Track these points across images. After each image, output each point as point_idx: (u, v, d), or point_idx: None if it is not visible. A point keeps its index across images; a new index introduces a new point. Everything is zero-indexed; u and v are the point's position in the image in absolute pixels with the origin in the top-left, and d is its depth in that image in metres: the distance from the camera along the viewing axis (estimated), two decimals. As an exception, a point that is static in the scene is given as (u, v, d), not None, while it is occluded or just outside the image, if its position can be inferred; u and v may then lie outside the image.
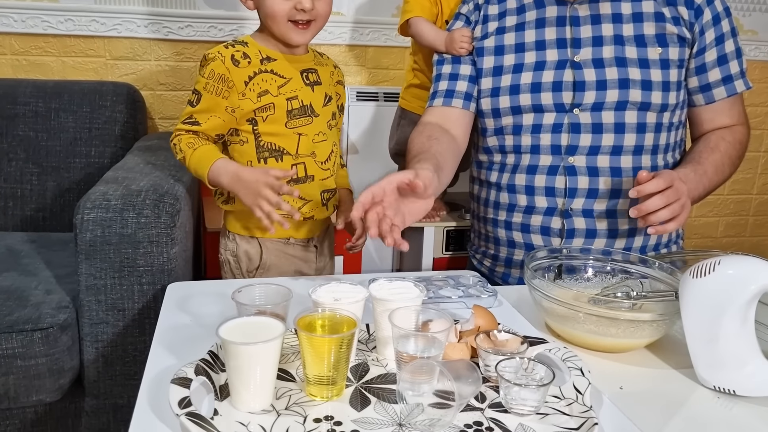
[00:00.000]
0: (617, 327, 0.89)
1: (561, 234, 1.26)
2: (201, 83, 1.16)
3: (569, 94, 1.23)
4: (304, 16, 1.14)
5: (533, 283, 0.97)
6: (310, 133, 1.22)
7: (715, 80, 1.25)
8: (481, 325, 0.87)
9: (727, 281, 0.81)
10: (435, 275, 1.14)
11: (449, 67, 1.36)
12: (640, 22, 1.22)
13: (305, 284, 1.05)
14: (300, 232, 1.28)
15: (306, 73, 1.23)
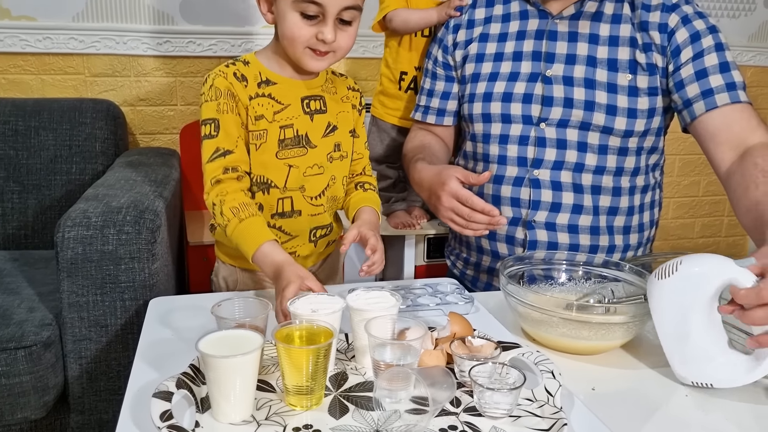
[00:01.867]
0: (589, 330, 0.92)
1: (524, 244, 1.28)
2: (212, 107, 1.05)
3: (537, 108, 1.26)
4: (323, 47, 1.04)
5: (508, 289, 0.99)
6: (302, 165, 1.13)
7: (694, 95, 1.19)
8: (457, 332, 0.90)
9: (691, 279, 0.83)
10: (414, 283, 1.16)
11: (428, 82, 1.42)
12: (615, 46, 1.23)
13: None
14: None
15: (308, 101, 1.13)
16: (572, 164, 1.24)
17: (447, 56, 1.38)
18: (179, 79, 2.08)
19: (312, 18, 1.02)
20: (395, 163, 1.65)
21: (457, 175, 1.16)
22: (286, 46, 1.06)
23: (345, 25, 1.04)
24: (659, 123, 1.26)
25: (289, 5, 1.01)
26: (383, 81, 1.64)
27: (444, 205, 1.16)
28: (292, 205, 1.15)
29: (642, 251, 1.36)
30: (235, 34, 2.08)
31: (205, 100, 1.07)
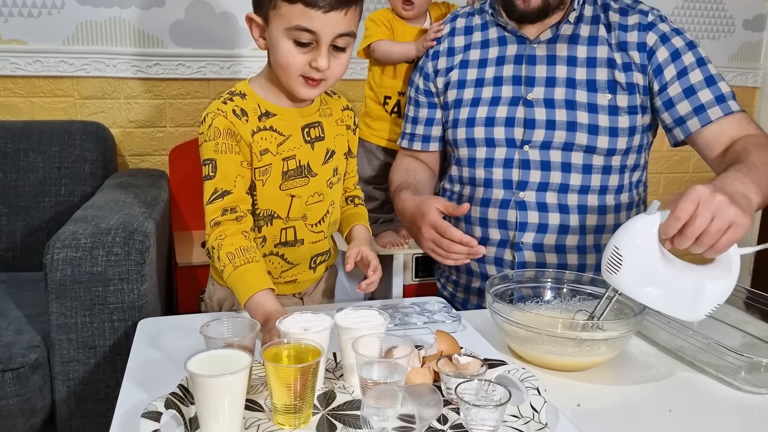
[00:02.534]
0: (574, 347, 0.93)
1: (512, 266, 1.30)
2: (209, 147, 1.03)
3: (520, 131, 1.28)
4: (317, 74, 1.02)
5: (494, 308, 1.00)
6: (305, 194, 1.12)
7: (686, 112, 1.22)
8: (444, 350, 0.90)
9: (636, 254, 0.90)
10: (402, 302, 1.17)
11: (412, 110, 1.44)
12: (593, 68, 1.26)
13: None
14: (281, 289, 1.17)
15: (307, 129, 1.11)
16: (557, 185, 1.26)
17: (428, 83, 1.40)
18: (168, 101, 2.10)
19: (305, 45, 1.00)
20: (382, 184, 1.67)
21: (437, 206, 1.18)
22: (279, 74, 1.04)
23: (338, 52, 1.02)
24: (640, 141, 1.29)
25: (282, 33, 0.99)
26: (368, 103, 1.66)
27: (424, 236, 1.19)
28: (295, 234, 1.14)
29: None
30: (224, 56, 2.10)
31: (204, 140, 1.05)
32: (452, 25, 1.41)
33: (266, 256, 1.12)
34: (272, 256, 1.14)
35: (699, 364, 0.98)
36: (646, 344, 1.07)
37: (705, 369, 0.97)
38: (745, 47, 2.61)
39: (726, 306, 1.15)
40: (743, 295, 1.15)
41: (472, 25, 1.38)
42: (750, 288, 1.16)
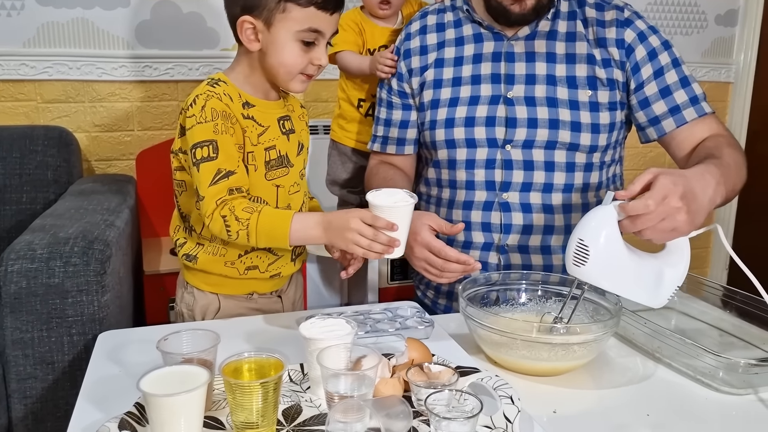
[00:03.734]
0: (549, 351, 0.91)
1: (498, 269, 1.27)
2: (207, 129, 1.01)
3: (502, 130, 1.25)
4: (316, 70, 1.08)
5: (467, 312, 0.97)
6: (287, 184, 1.13)
7: (661, 112, 1.23)
8: (415, 358, 0.87)
9: (600, 242, 0.91)
10: (374, 308, 1.13)
11: (384, 112, 1.39)
12: (573, 64, 1.24)
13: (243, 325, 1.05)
14: (265, 286, 1.19)
15: (282, 121, 1.14)
16: (540, 185, 1.24)
17: (402, 84, 1.36)
18: (135, 104, 2.04)
19: (309, 45, 1.04)
20: (357, 187, 1.63)
21: (429, 223, 1.15)
22: (277, 73, 1.06)
23: (328, 47, 1.09)
24: (617, 136, 1.28)
25: (292, 35, 1.03)
26: (341, 105, 1.62)
27: (417, 255, 1.15)
28: None
29: None
30: (193, 57, 2.05)
31: (197, 122, 1.02)
32: (422, 23, 1.37)
33: (255, 250, 1.11)
34: (260, 250, 1.12)
35: (677, 365, 0.96)
36: (623, 345, 1.05)
37: (683, 370, 0.95)
38: (718, 42, 2.62)
39: (702, 304, 1.17)
40: (719, 292, 1.15)
41: (444, 22, 1.35)
42: (726, 285, 1.14)
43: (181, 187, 1.13)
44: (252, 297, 1.18)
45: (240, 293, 1.17)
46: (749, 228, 2.72)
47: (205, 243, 1.12)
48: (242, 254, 1.12)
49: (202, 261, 1.12)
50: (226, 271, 1.13)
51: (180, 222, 1.17)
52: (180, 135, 1.08)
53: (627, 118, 1.30)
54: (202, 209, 1.02)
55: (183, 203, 1.14)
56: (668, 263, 0.96)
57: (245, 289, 1.17)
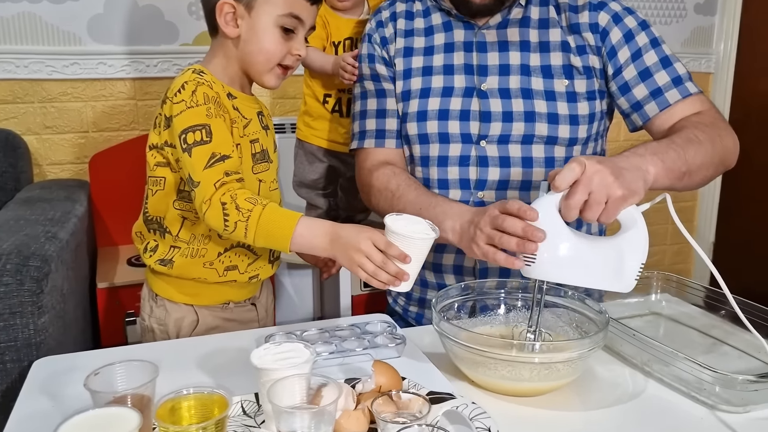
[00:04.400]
0: (531, 371, 0.83)
1: (474, 273, 1.19)
2: (199, 113, 0.97)
3: (476, 125, 1.17)
4: (294, 62, 1.06)
5: (441, 328, 0.89)
6: (268, 180, 1.11)
7: (643, 96, 1.14)
8: (383, 385, 0.78)
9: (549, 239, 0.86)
10: (341, 323, 1.04)
11: (375, 102, 1.25)
12: (547, 52, 1.16)
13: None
14: (241, 294, 1.15)
15: (260, 116, 1.12)
16: (518, 182, 1.16)
17: (390, 68, 1.25)
18: (90, 104, 1.92)
19: (289, 34, 1.03)
20: (326, 189, 1.54)
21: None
22: (254, 62, 1.04)
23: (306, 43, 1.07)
24: (598, 127, 1.21)
25: (273, 20, 1.01)
26: (307, 101, 1.53)
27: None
28: None
29: None
30: (151, 53, 1.94)
31: (187, 106, 0.97)
32: (392, 9, 1.28)
33: (234, 248, 1.07)
34: (239, 248, 1.08)
35: (669, 380, 0.89)
36: (611, 358, 0.97)
37: (676, 386, 0.88)
38: (698, 32, 2.58)
39: (691, 308, 1.11)
40: (702, 293, 1.10)
41: (413, 10, 1.26)
42: (709, 287, 1.08)
43: (157, 186, 1.06)
44: (228, 306, 1.13)
45: (216, 302, 1.12)
46: (732, 220, 2.68)
47: (182, 245, 1.06)
48: (222, 252, 1.07)
49: (179, 265, 1.06)
50: (205, 273, 1.07)
51: (144, 227, 1.10)
52: (165, 127, 1.01)
53: (609, 107, 1.22)
54: (197, 196, 0.95)
55: (155, 204, 1.07)
56: (626, 242, 0.89)
57: (221, 298, 1.12)
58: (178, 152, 0.98)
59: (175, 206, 1.06)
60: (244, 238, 0.94)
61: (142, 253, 1.12)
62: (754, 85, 2.52)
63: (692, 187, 1.07)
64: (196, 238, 1.07)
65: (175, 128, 0.98)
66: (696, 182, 1.06)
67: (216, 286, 1.10)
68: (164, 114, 1.01)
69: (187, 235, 1.07)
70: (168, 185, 1.05)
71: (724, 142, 1.08)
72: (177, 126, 0.97)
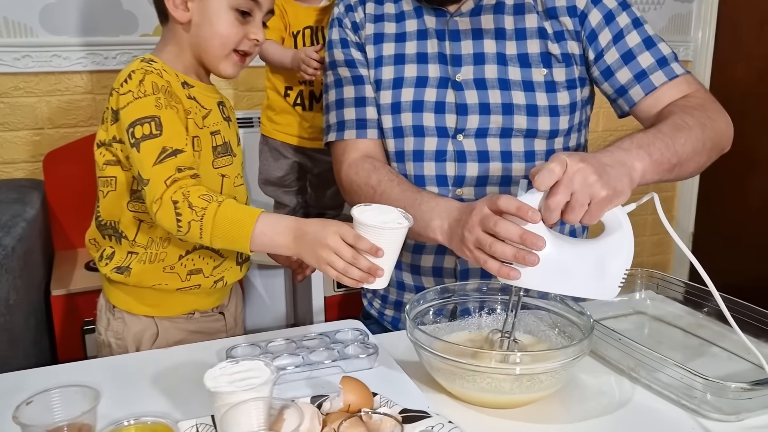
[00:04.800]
0: (512, 382, 0.77)
1: (455, 275, 1.12)
2: (147, 103, 0.90)
3: (452, 118, 1.10)
4: (251, 48, 1.00)
5: (415, 337, 0.83)
6: (232, 175, 1.05)
7: (627, 80, 1.08)
8: (352, 403, 0.72)
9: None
10: (309, 333, 0.97)
11: (351, 90, 1.17)
12: (524, 40, 1.10)
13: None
14: (207, 302, 1.08)
15: (221, 106, 1.06)
16: (497, 178, 1.10)
17: (365, 54, 1.17)
18: (44, 99, 1.82)
19: (245, 16, 0.98)
20: (293, 186, 1.47)
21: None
22: (210, 47, 0.98)
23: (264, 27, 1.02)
24: (580, 117, 1.15)
25: (226, 2, 0.96)
26: (269, 94, 1.46)
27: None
28: None
29: None
30: (110, 45, 1.85)
31: (135, 97, 0.91)
32: None
33: (196, 249, 1.01)
34: (203, 249, 1.01)
35: (657, 387, 0.84)
36: (596, 363, 0.92)
37: (664, 393, 0.83)
38: (675, 19, 2.54)
39: (676, 306, 1.07)
40: (692, 292, 1.05)
41: None
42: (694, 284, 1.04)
43: (108, 186, 0.99)
44: (193, 317, 1.07)
45: (179, 313, 1.06)
46: (712, 210, 2.67)
47: (139, 250, 0.99)
48: (183, 255, 1.00)
49: (137, 272, 0.99)
50: (166, 279, 1.00)
51: (98, 233, 1.03)
52: (113, 121, 0.94)
53: (591, 95, 1.16)
54: (147, 195, 0.89)
55: (108, 207, 1.00)
56: (609, 245, 0.83)
57: (185, 307, 1.05)
58: (127, 148, 0.91)
59: (129, 208, 0.99)
60: (199, 239, 0.87)
61: (97, 262, 1.05)
62: (732, 72, 2.50)
63: (684, 177, 1.01)
64: (154, 242, 1.00)
65: (123, 122, 0.91)
66: (688, 172, 1.00)
67: (179, 295, 1.03)
68: (111, 107, 0.94)
69: (144, 239, 1.00)
70: (120, 185, 0.98)
71: (715, 125, 1.02)
72: (124, 119, 0.90)
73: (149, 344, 1.05)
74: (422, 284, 1.15)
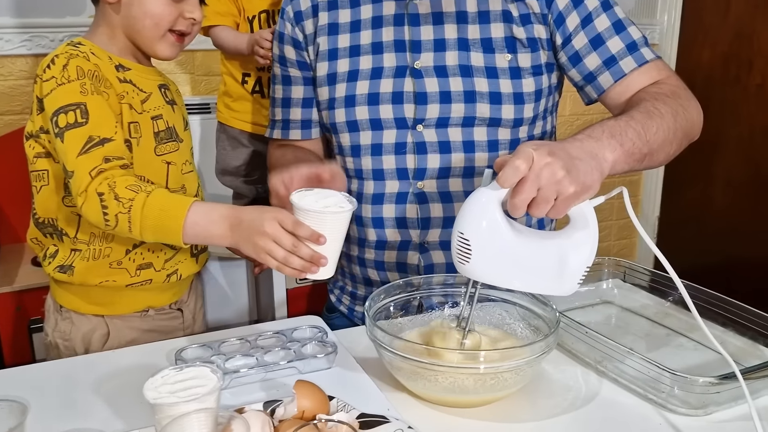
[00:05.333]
0: (475, 381, 0.75)
1: (419, 270, 1.09)
2: (71, 90, 0.85)
3: (411, 107, 1.06)
4: (189, 27, 0.96)
5: (375, 336, 0.79)
6: (179, 162, 1.01)
7: (596, 67, 1.04)
8: (306, 409, 0.68)
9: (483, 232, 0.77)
10: (265, 331, 0.93)
11: (280, 90, 1.17)
12: (487, 23, 1.06)
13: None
14: (162, 298, 1.04)
15: (163, 89, 1.02)
16: (460, 169, 1.06)
17: (301, 52, 1.14)
18: (-15, 84, 1.73)
19: None
20: (251, 176, 1.42)
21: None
22: (143, 28, 0.94)
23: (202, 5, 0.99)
24: (545, 104, 1.11)
25: None
26: (226, 80, 1.41)
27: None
28: None
29: None
30: (56, 27, 1.76)
31: (58, 83, 0.86)
32: None
33: (145, 243, 0.96)
34: (154, 243, 0.97)
35: (624, 380, 0.82)
36: (563, 356, 0.90)
37: (632, 387, 0.81)
38: (641, 3, 2.53)
39: (643, 294, 1.05)
40: (653, 279, 1.04)
41: None
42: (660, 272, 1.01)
43: (41, 181, 0.93)
44: (147, 314, 1.02)
45: (132, 310, 1.01)
46: (676, 194, 2.69)
47: (82, 247, 0.94)
48: (130, 249, 0.95)
49: (81, 270, 0.94)
50: (114, 276, 0.95)
51: (38, 231, 0.97)
52: (39, 111, 0.89)
53: (559, 80, 1.13)
54: (73, 188, 0.83)
55: (43, 203, 0.94)
56: (571, 240, 0.80)
57: (138, 305, 1.00)
58: (53, 138, 0.85)
59: (65, 203, 0.93)
60: (129, 232, 0.82)
61: (42, 261, 0.99)
62: (698, 56, 2.50)
63: (654, 166, 0.98)
64: (97, 238, 0.95)
65: (47, 110, 0.86)
66: (658, 161, 0.97)
67: (130, 291, 0.98)
68: (36, 95, 0.89)
69: (86, 236, 0.94)
70: (53, 179, 0.92)
71: (687, 113, 0.99)
72: (48, 107, 0.85)
73: (99, 345, 0.99)
74: (388, 279, 1.11)
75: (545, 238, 0.82)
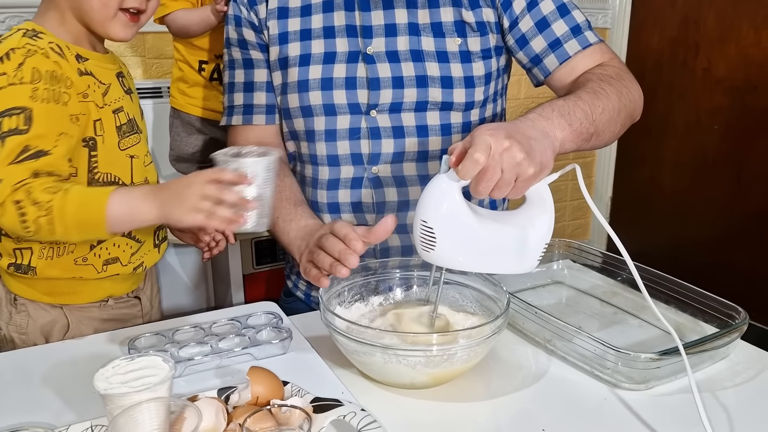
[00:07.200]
0: (427, 363, 0.76)
1: (375, 254, 1.10)
2: (20, 93, 0.82)
3: (364, 93, 1.06)
4: (142, 3, 0.91)
5: (327, 320, 0.80)
6: (140, 154, 0.99)
7: (541, 49, 1.06)
8: (260, 395, 0.69)
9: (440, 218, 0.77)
10: (220, 318, 0.92)
11: (242, 74, 1.13)
12: (437, 8, 1.06)
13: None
14: (122, 287, 1.03)
15: (121, 78, 0.98)
16: (414, 153, 1.07)
17: (260, 35, 1.12)
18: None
19: None
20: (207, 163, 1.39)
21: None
22: (89, 10, 0.88)
23: None
24: (495, 87, 1.13)
25: None
26: (181, 66, 1.37)
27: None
28: None
29: None
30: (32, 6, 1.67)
31: (9, 82, 0.82)
32: None
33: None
34: (117, 237, 0.96)
35: (572, 358, 0.85)
36: (514, 336, 0.92)
37: (579, 364, 0.84)
38: (601, -14, 2.56)
39: (594, 275, 1.08)
40: (603, 259, 1.07)
41: None
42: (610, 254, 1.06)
43: None
44: (107, 304, 1.00)
45: (92, 300, 0.99)
46: (628, 175, 2.75)
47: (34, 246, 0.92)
48: (95, 245, 0.94)
49: (43, 269, 0.92)
50: (80, 272, 0.94)
51: None
52: None
53: (508, 63, 1.15)
54: None
55: None
56: (529, 219, 0.82)
57: (99, 294, 0.99)
58: None
59: None
60: (52, 235, 0.80)
61: None
62: (648, 40, 2.55)
63: (600, 145, 1.01)
64: None
65: None
66: (604, 141, 0.99)
67: (94, 282, 0.96)
68: None
69: None
70: None
71: (631, 94, 1.02)
72: None
73: (59, 337, 0.97)
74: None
75: (504, 218, 0.84)
